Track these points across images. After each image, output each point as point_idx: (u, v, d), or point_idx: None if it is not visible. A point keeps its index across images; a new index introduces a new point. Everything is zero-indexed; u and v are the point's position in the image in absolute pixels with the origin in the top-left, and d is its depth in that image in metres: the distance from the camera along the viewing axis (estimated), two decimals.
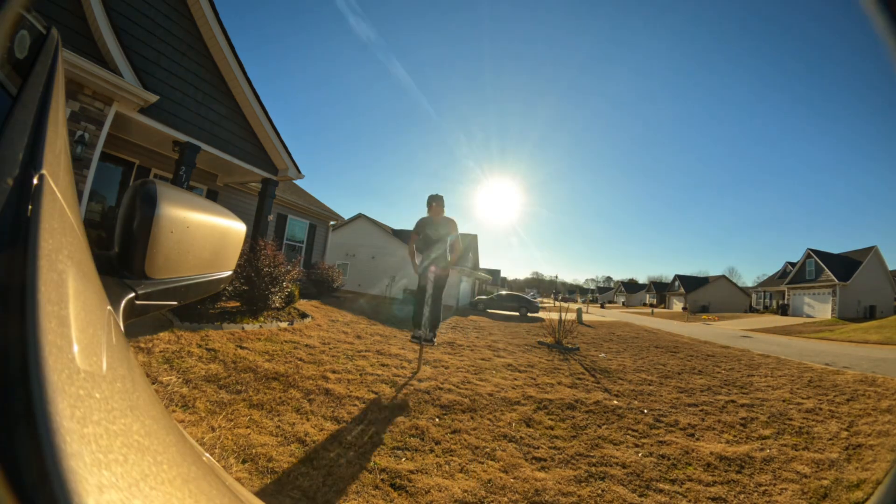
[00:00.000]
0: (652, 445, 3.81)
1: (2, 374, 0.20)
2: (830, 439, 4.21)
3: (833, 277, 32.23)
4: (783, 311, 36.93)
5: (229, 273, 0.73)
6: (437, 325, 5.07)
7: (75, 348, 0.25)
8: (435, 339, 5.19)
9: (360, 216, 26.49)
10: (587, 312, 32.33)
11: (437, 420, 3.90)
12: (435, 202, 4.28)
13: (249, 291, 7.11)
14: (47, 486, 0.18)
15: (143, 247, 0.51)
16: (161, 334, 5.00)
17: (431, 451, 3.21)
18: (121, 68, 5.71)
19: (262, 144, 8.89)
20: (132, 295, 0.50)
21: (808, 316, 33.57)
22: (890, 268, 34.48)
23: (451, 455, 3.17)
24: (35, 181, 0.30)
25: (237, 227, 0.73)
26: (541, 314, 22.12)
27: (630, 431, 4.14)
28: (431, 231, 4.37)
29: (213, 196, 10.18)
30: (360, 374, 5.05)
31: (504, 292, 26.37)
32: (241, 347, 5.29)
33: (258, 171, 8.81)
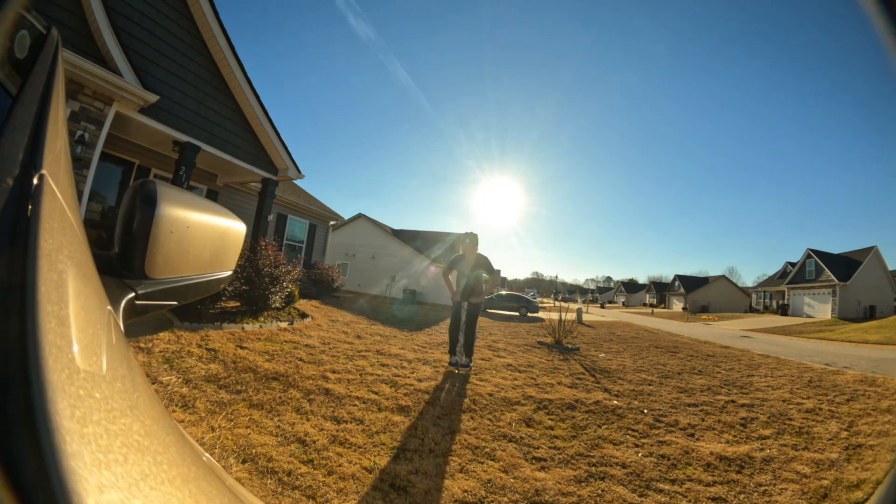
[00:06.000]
0: (652, 445, 3.81)
1: (2, 374, 0.20)
2: (830, 439, 4.21)
3: (833, 277, 32.22)
4: (783, 311, 36.92)
5: (229, 273, 0.73)
6: (472, 352, 5.38)
7: (75, 348, 0.25)
8: (471, 365, 5.45)
9: (360, 216, 26.49)
10: (587, 312, 32.32)
11: (436, 420, 3.90)
12: (469, 239, 4.68)
13: (249, 291, 7.11)
14: (47, 486, 0.18)
15: (143, 247, 0.51)
16: (161, 334, 5.00)
17: (431, 451, 3.21)
18: (121, 68, 5.71)
19: (261, 144, 8.89)
20: (132, 295, 0.50)
21: (808, 316, 33.55)
22: (890, 268, 34.45)
23: (450, 455, 3.17)
24: (35, 181, 0.30)
25: (237, 227, 0.73)
26: (541, 314, 22.11)
27: (630, 431, 4.14)
28: (465, 267, 4.72)
29: (213, 196, 10.17)
30: (360, 374, 5.05)
31: (504, 292, 26.36)
32: (241, 347, 5.29)
33: (258, 170, 8.81)
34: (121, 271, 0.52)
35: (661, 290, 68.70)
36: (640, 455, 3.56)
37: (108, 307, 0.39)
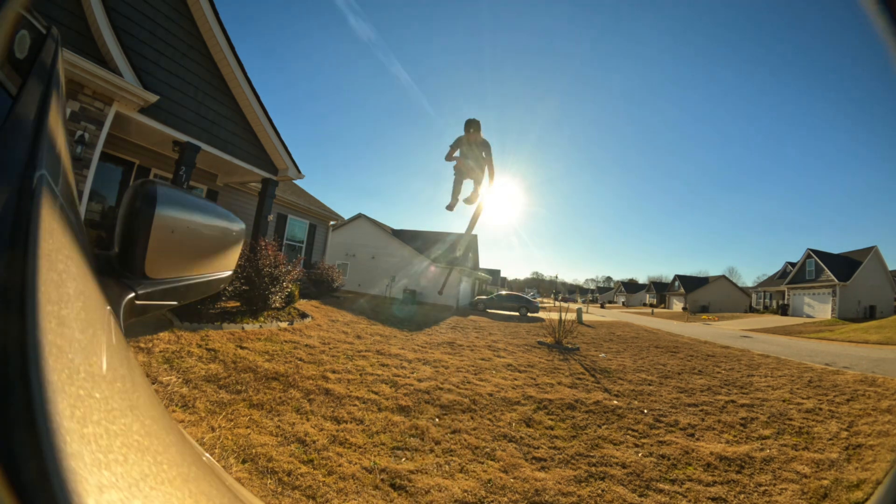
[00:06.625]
0: (652, 445, 3.81)
1: (2, 374, 0.20)
2: (830, 439, 4.21)
3: (833, 277, 32.20)
4: (783, 311, 36.89)
5: (229, 273, 0.73)
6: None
7: (75, 348, 0.25)
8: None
9: (360, 216, 26.48)
10: (587, 312, 32.31)
11: (437, 420, 3.90)
12: (472, 127, 4.48)
13: (249, 291, 7.11)
14: (47, 486, 0.18)
15: (143, 247, 0.51)
16: (161, 334, 5.00)
17: (431, 451, 3.21)
18: (121, 68, 5.71)
19: (262, 144, 8.89)
20: (132, 295, 0.50)
21: (808, 316, 33.53)
22: (890, 268, 34.42)
23: (450, 455, 3.17)
24: (35, 181, 0.30)
25: (237, 227, 0.73)
26: (541, 314, 22.12)
27: (630, 431, 4.14)
28: (468, 149, 4.63)
29: (213, 196, 10.17)
30: (360, 374, 5.05)
31: (504, 292, 26.36)
32: (241, 347, 5.29)
33: (258, 171, 8.81)
34: (121, 271, 0.52)
35: (661, 290, 68.67)
36: (640, 455, 3.56)
37: (108, 307, 0.39)
